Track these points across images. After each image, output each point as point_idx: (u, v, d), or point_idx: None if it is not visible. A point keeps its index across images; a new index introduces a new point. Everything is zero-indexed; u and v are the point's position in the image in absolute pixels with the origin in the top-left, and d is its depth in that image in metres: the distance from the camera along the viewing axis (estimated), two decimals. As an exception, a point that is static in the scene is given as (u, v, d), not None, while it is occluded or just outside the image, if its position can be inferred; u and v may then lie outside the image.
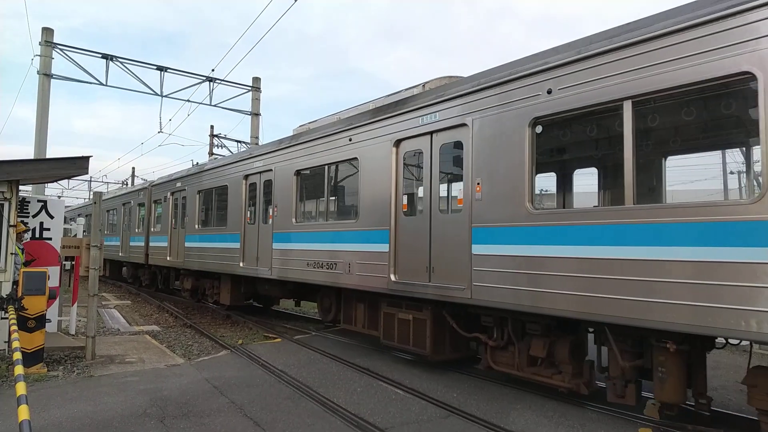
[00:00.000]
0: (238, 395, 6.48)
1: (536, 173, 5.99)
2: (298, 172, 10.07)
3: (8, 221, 7.98)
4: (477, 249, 6.35)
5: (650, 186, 7.09)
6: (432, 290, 6.96)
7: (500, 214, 6.11)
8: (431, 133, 7.20)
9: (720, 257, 4.32)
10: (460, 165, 6.90)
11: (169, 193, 16.33)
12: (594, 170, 8.22)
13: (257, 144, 22.16)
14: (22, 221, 8.82)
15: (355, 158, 8.52)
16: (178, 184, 15.71)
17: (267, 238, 10.73)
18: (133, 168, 44.05)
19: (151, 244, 17.51)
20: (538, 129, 5.94)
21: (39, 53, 17.90)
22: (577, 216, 5.56)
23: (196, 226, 14.21)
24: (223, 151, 26.37)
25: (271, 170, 10.86)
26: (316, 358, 8.63)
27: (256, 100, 23.21)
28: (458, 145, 6.87)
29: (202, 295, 14.97)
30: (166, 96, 20.51)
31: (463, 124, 6.68)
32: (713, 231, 4.38)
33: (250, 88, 23.05)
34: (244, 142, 25.40)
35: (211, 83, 21.10)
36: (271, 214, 10.71)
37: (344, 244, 8.58)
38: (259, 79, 23.33)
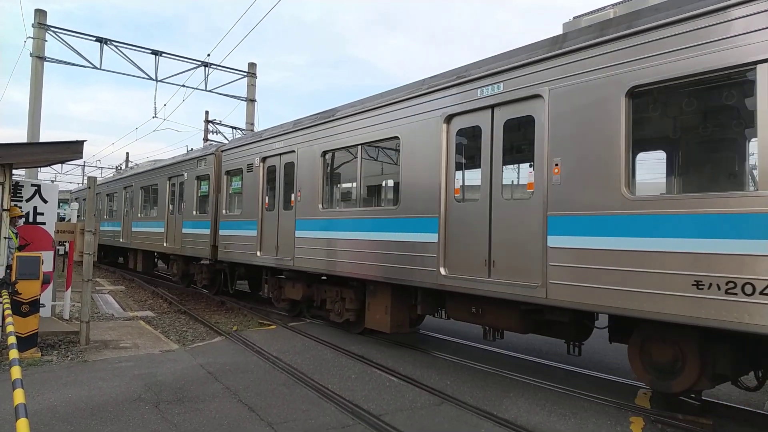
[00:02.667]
0: (233, 381, 6.50)
1: None
2: (631, 92, 5.09)
3: (1, 205, 7.93)
4: None
5: None
6: None
7: None
8: None
9: None
10: None
11: (257, 159, 11.51)
12: None
13: (252, 131, 21.97)
14: (16, 205, 8.79)
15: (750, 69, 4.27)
16: (278, 144, 10.93)
17: (528, 225, 5.93)
18: (127, 153, 43.71)
19: (222, 232, 12.69)
20: None
21: (32, 35, 17.68)
22: None
23: (320, 207, 9.52)
24: (218, 137, 26.22)
25: (537, 96, 5.91)
26: (310, 345, 8.67)
27: (251, 86, 23.07)
28: None
29: (316, 308, 10.48)
30: (160, 81, 20.37)
31: None
32: None
33: (245, 74, 22.88)
34: (239, 129, 25.27)
35: (207, 68, 20.96)
36: (532, 181, 6.02)
37: None
38: (255, 64, 23.17)
